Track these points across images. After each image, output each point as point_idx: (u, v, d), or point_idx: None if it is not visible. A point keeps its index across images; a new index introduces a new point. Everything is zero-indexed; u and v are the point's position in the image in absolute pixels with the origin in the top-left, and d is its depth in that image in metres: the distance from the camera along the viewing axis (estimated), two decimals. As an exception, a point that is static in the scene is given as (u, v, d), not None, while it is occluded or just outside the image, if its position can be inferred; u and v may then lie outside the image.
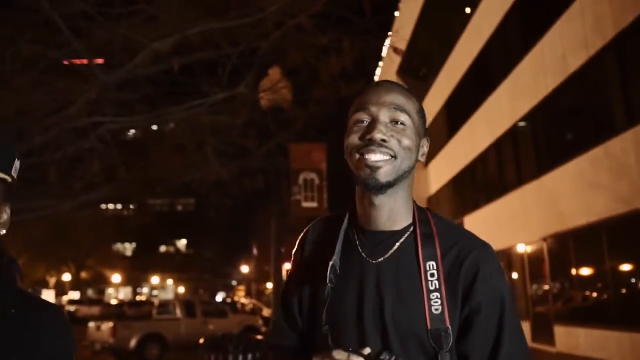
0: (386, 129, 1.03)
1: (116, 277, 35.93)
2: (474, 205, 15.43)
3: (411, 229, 1.06)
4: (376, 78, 18.30)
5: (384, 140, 1.02)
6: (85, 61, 7.02)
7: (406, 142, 1.05)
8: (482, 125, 14.66)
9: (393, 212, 1.06)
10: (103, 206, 24.81)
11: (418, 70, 18.49)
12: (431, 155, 18.22)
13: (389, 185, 1.03)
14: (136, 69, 6.74)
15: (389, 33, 11.25)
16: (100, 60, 6.82)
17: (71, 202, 7.61)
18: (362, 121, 1.05)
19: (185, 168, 10.61)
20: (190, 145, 10.30)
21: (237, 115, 9.39)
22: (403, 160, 1.05)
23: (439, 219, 1.09)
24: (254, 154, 9.86)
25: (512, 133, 13.32)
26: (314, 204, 10.56)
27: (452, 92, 16.65)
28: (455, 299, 0.95)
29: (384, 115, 1.04)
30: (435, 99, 17.93)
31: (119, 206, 27.25)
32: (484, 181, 15.07)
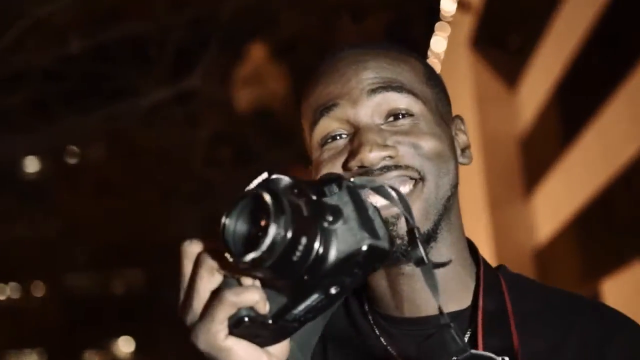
0: (383, 135, 1.00)
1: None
2: (618, 261, 15.12)
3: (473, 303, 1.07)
4: (434, 53, 18.43)
5: (390, 157, 1.00)
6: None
7: (428, 143, 1.01)
8: (625, 120, 14.52)
9: (445, 281, 1.03)
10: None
11: (505, 38, 18.60)
12: (534, 176, 18.09)
13: (428, 239, 1.01)
14: (8, 53, 6.84)
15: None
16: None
17: None
18: (335, 136, 1.03)
19: (117, 220, 10.80)
20: (124, 182, 10.46)
21: (196, 126, 9.51)
22: (439, 178, 1.02)
23: (523, 284, 1.09)
24: (224, 190, 9.94)
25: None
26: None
27: (569, 71, 16.61)
28: None
29: (367, 112, 1.01)
30: (539, 83, 17.84)
31: (13, 294, 27.62)
32: (634, 218, 14.83)
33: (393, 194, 0.89)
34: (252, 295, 0.78)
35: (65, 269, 19.08)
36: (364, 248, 0.80)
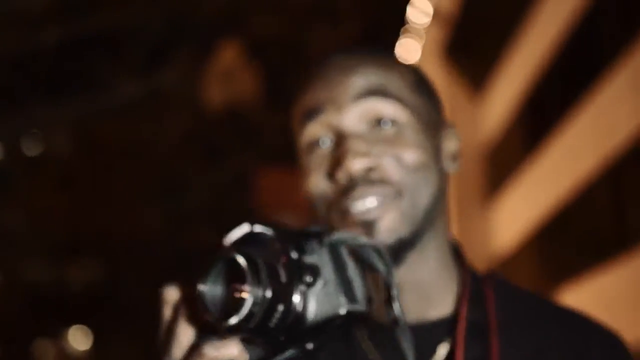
0: (366, 144, 0.99)
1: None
2: (575, 271, 15.27)
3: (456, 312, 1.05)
4: (402, 58, 18.48)
5: (371, 169, 0.99)
6: None
7: (410, 155, 1.01)
8: (588, 135, 14.69)
9: (428, 290, 1.06)
10: None
11: (474, 46, 18.66)
12: (496, 185, 18.26)
13: (408, 244, 1.01)
14: None
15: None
16: None
17: None
18: (318, 143, 1.02)
19: (80, 213, 10.68)
20: (88, 175, 10.36)
21: (166, 123, 9.46)
22: (417, 191, 1.02)
23: (511, 293, 1.08)
24: (194, 187, 9.91)
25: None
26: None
27: (534, 80, 16.73)
28: None
29: (351, 117, 1.00)
30: (505, 91, 17.96)
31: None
32: (592, 230, 14.99)
33: (374, 256, 0.90)
34: (231, 350, 0.80)
35: (22, 257, 18.78)
36: (342, 313, 0.83)
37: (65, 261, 26.30)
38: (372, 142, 1.00)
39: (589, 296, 15.16)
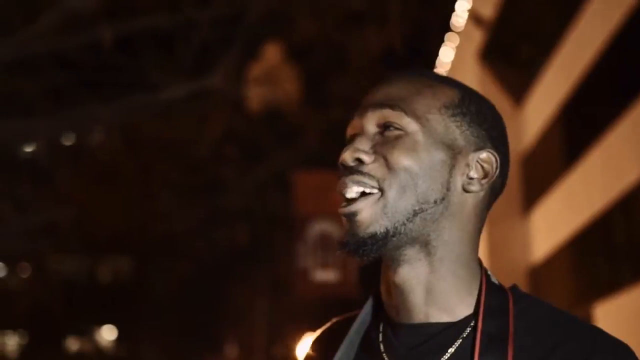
0: (368, 142, 1.09)
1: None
2: (616, 284, 15.08)
3: (473, 323, 1.08)
4: (442, 63, 18.42)
5: (359, 161, 1.07)
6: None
7: (399, 157, 1.07)
8: (629, 144, 14.53)
9: (435, 292, 1.10)
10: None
11: (515, 51, 18.52)
12: (535, 194, 18.12)
13: (383, 240, 1.06)
14: (37, 41, 6.83)
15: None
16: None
17: None
18: (350, 138, 1.14)
19: (118, 209, 10.77)
20: (129, 171, 10.43)
21: (207, 123, 9.51)
22: (403, 192, 1.07)
23: (530, 305, 1.11)
24: (232, 187, 9.94)
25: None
26: (334, 275, 10.57)
27: (576, 90, 16.53)
28: None
29: (366, 122, 1.12)
30: (545, 100, 17.76)
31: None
32: (631, 242, 14.81)
33: None
34: None
35: (53, 251, 18.91)
36: None
37: (93, 256, 26.56)
38: (375, 143, 1.09)
39: (626, 309, 14.98)
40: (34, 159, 11.31)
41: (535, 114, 18.18)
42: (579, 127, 16.62)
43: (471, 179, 1.11)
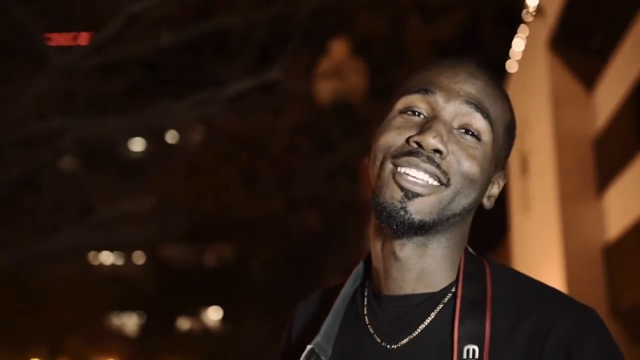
0: (447, 135, 1.06)
1: (111, 368, 37.03)
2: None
3: (453, 289, 1.08)
4: (514, 53, 18.01)
5: (438, 152, 1.05)
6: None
7: (471, 167, 1.06)
8: None
9: (427, 272, 1.09)
10: (94, 260, 26.23)
11: (586, 40, 17.89)
12: (608, 175, 17.46)
13: (423, 229, 1.05)
14: (109, 45, 7.14)
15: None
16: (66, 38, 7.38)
17: (17, 252, 7.87)
18: (415, 112, 1.09)
19: (212, 199, 11.05)
20: (211, 164, 10.77)
21: (280, 117, 9.79)
22: (457, 195, 1.06)
23: (505, 275, 1.10)
24: (302, 176, 10.09)
25: None
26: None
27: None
28: None
29: (451, 111, 1.07)
30: (617, 84, 17.12)
31: (118, 261, 28.72)
32: None
33: None
34: None
35: (162, 241, 19.62)
36: None
37: (198, 244, 27.36)
38: (451, 137, 1.06)
39: None
40: (127, 155, 11.85)
41: (606, 97, 17.53)
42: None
43: (490, 196, 1.13)
